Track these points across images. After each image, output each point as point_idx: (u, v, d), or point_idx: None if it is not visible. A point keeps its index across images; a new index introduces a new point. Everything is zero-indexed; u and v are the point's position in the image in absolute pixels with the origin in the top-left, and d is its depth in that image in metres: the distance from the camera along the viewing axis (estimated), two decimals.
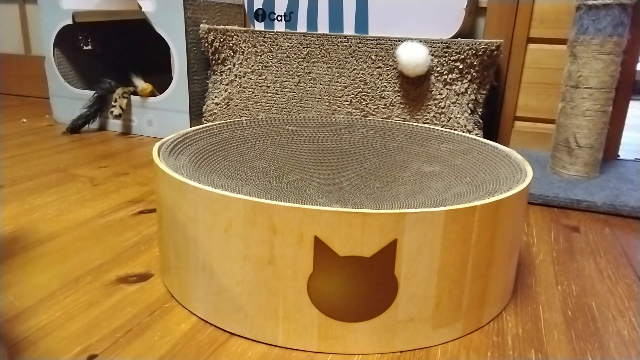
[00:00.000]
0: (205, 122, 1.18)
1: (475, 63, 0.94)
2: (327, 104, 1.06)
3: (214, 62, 1.16)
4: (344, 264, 0.43)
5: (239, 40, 1.10)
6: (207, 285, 0.47)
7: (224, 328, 0.48)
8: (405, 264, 0.43)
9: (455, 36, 0.98)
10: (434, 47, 0.95)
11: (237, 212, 0.43)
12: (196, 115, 1.20)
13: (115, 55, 1.48)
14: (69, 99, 1.32)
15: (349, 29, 1.06)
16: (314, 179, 0.71)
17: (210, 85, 1.18)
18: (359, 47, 1.01)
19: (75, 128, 1.24)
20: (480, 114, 0.99)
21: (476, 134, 0.97)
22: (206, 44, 1.14)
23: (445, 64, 0.96)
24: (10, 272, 0.53)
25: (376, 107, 1.02)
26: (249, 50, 1.10)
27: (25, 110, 1.53)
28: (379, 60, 1.00)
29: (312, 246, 0.42)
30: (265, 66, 1.09)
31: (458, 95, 0.97)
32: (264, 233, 0.43)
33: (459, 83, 0.96)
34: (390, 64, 0.99)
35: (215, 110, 1.16)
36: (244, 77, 1.12)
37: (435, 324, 0.46)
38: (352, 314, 0.44)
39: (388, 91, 1.01)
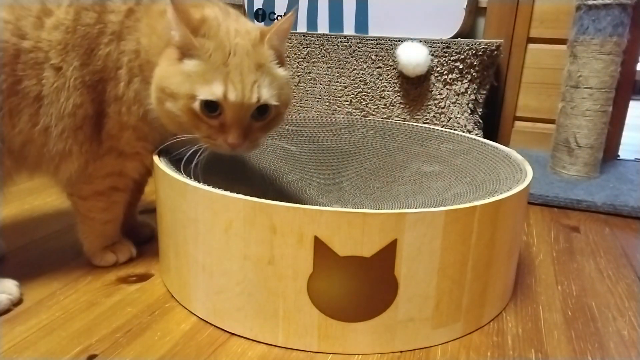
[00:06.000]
0: None
1: (475, 63, 0.94)
2: (327, 104, 1.06)
3: None
4: (344, 264, 0.43)
5: None
6: (207, 285, 0.47)
7: (224, 328, 0.48)
8: (405, 264, 0.43)
9: (455, 36, 0.98)
10: (434, 47, 0.95)
11: (237, 212, 0.43)
12: None
13: None
14: None
15: (349, 29, 1.06)
16: (314, 179, 0.71)
17: None
18: (359, 47, 1.01)
19: None
20: (480, 114, 0.99)
21: (476, 134, 0.97)
22: None
23: (445, 64, 0.96)
24: (10, 272, 0.53)
25: (376, 107, 1.02)
26: None
27: None
28: (379, 60, 1.00)
29: (312, 246, 0.42)
30: None
31: (458, 95, 0.97)
32: (264, 233, 0.43)
33: (459, 83, 0.96)
34: (390, 64, 0.99)
35: None
36: None
37: (435, 324, 0.46)
38: (352, 314, 0.44)
39: (388, 91, 1.01)
